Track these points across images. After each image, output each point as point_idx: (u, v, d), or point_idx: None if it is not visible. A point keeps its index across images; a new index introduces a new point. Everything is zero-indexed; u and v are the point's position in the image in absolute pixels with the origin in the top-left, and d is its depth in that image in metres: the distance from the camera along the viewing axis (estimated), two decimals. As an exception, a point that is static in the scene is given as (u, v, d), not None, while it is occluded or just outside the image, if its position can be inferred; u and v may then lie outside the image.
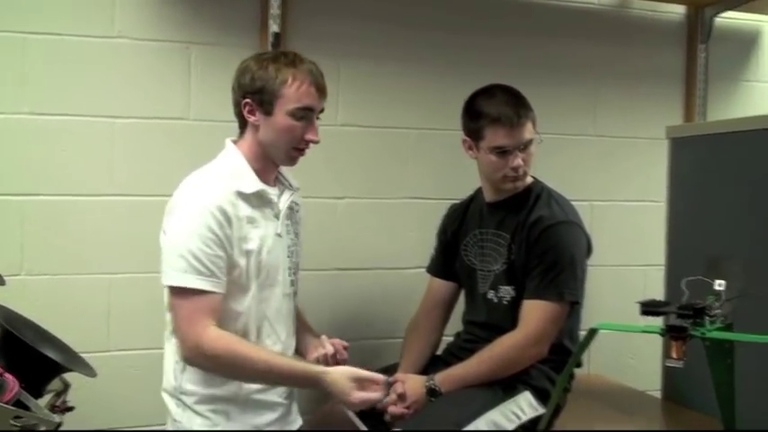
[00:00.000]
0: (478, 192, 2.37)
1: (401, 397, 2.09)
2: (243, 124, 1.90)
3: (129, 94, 2.42)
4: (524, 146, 2.16)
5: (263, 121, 1.85)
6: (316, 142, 1.88)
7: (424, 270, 2.47)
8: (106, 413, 2.39)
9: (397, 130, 2.69)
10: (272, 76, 1.82)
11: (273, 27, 2.49)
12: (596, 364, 2.84)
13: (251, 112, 1.85)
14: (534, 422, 2.02)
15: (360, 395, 1.76)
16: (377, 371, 2.21)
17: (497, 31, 2.78)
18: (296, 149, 1.88)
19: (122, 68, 2.41)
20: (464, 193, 2.43)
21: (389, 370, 2.21)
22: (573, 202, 2.26)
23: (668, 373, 2.50)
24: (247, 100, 1.84)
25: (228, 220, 1.78)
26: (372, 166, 2.66)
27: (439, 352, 2.37)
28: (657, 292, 2.41)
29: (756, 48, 3.14)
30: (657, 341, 1.78)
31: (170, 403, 1.85)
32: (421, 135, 2.71)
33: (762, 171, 2.12)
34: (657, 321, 1.76)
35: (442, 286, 2.40)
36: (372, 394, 1.78)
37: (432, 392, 2.09)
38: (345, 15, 2.57)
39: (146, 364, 2.39)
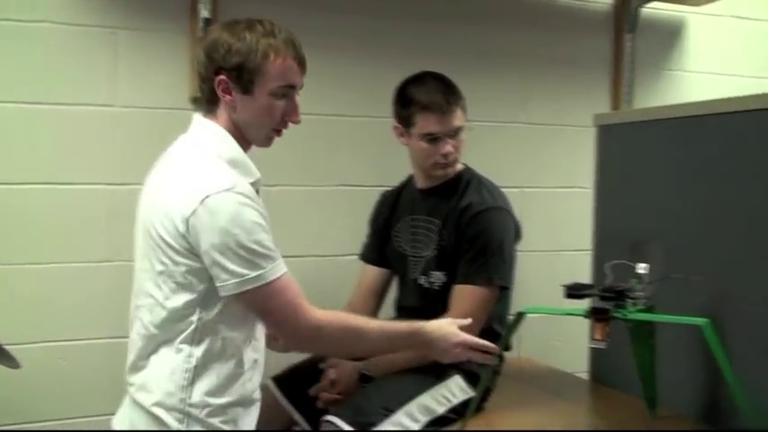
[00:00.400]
0: (410, 179, 2.39)
1: (333, 383, 2.10)
2: (212, 101, 1.68)
3: (54, 79, 2.35)
4: (454, 133, 2.18)
5: (240, 101, 1.64)
6: (298, 122, 1.72)
7: (356, 257, 2.48)
8: (32, 406, 2.35)
9: (329, 118, 2.68)
10: (252, 50, 1.61)
11: (204, 12, 2.45)
12: (526, 348, 2.89)
13: (226, 91, 1.64)
14: (465, 405, 2.05)
15: (465, 337, 1.79)
16: (310, 358, 2.23)
17: (429, 19, 2.79)
18: (275, 130, 1.71)
19: (46, 54, 2.34)
20: (396, 180, 2.45)
21: (323, 357, 2.21)
22: (503, 189, 2.29)
23: (594, 355, 2.56)
24: (222, 77, 1.62)
25: (261, 206, 1.61)
26: (305, 153, 2.65)
27: (372, 338, 2.38)
28: (585, 277, 2.47)
29: (680, 38, 3.22)
30: (585, 324, 1.82)
31: (168, 418, 1.60)
32: (353, 122, 2.71)
33: (684, 157, 2.19)
34: (584, 304, 1.81)
35: (375, 273, 2.41)
36: (475, 339, 1.81)
37: (364, 378, 2.11)
38: (277, 1, 2.55)
39: (75, 355, 2.36)
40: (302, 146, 2.64)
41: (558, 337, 2.97)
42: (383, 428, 1.95)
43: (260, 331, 1.73)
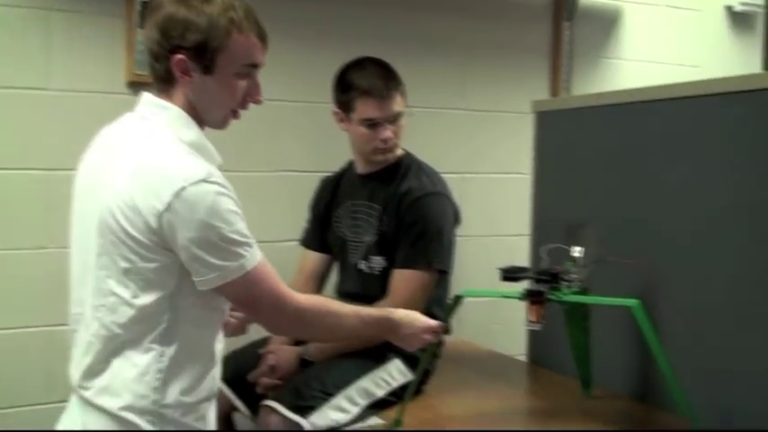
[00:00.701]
0: (350, 164, 2.39)
1: (272, 368, 2.10)
2: (167, 80, 1.54)
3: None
4: (394, 118, 2.19)
5: (200, 81, 1.52)
6: (260, 103, 1.62)
7: (297, 243, 2.47)
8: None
9: (269, 103, 2.60)
10: (213, 26, 1.49)
11: (141, -5, 2.42)
12: (466, 332, 2.93)
13: (185, 72, 1.50)
14: (404, 388, 2.07)
15: (430, 323, 1.78)
16: (250, 344, 2.23)
17: (369, 4, 2.80)
18: (233, 112, 1.60)
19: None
20: (336, 165, 2.45)
21: (263, 342, 2.21)
22: (443, 175, 2.31)
23: (532, 338, 2.60)
24: (180, 56, 1.49)
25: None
26: (244, 139, 2.63)
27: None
28: (524, 261, 2.50)
29: (617, 27, 3.28)
30: (523, 308, 1.85)
31: (139, 422, 1.49)
32: (293, 108, 2.70)
33: (619, 143, 2.23)
34: (521, 288, 1.84)
35: (316, 258, 2.42)
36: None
37: (304, 363, 2.11)
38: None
39: (9, 343, 2.32)
40: (242, 132, 2.58)
41: (497, 320, 3.01)
42: (323, 412, 1.96)
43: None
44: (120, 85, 2.39)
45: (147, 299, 1.47)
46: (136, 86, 2.43)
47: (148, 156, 1.48)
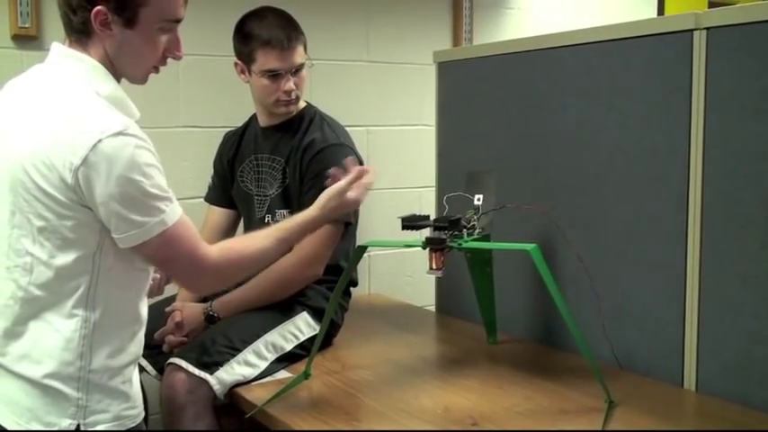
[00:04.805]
0: (253, 118, 2.36)
1: (178, 326, 2.07)
2: (84, 32, 1.48)
3: None
4: (296, 70, 2.17)
5: (120, 35, 1.47)
6: (179, 58, 1.58)
7: (201, 200, 2.44)
8: None
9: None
10: None
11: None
12: (377, 285, 2.96)
13: (105, 24, 1.45)
14: (312, 341, 2.07)
15: (342, 186, 1.77)
16: (156, 302, 2.18)
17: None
18: (154, 67, 1.57)
19: None
20: (240, 120, 2.41)
21: (168, 301, 2.18)
22: (348, 128, 2.30)
23: (439, 287, 2.64)
24: (100, 8, 1.43)
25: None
26: (145, 94, 2.54)
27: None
28: (432, 213, 2.52)
29: (518, -23, 3.31)
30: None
31: (65, 389, 1.44)
32: (193, 61, 2.62)
33: (518, 91, 2.26)
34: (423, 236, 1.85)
35: (221, 214, 2.39)
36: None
37: (210, 319, 2.09)
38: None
39: None
40: (142, 87, 2.54)
41: (408, 272, 3.04)
42: (229, 368, 1.95)
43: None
44: (5, 39, 2.28)
45: (64, 259, 1.42)
46: (21, 40, 2.33)
47: (63, 109, 1.43)
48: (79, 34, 1.48)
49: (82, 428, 1.44)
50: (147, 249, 1.44)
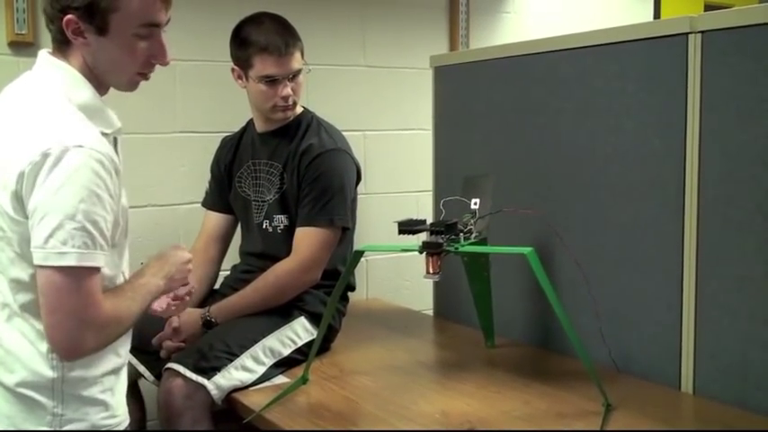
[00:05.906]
0: (250, 123, 2.36)
1: (176, 331, 2.07)
2: (63, 41, 1.47)
3: None
4: (293, 75, 2.17)
5: (95, 43, 1.44)
6: (166, 64, 1.54)
7: (199, 205, 2.44)
8: None
9: None
10: None
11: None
12: (375, 290, 2.96)
13: (77, 33, 1.43)
14: (310, 346, 2.07)
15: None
16: (152, 309, 2.18)
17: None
18: (140, 74, 1.52)
19: None
20: (237, 125, 2.41)
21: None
22: (345, 133, 2.30)
23: (437, 291, 2.64)
24: (70, 17, 1.41)
25: (117, 170, 1.41)
26: (141, 100, 2.55)
27: (217, 286, 2.36)
28: (429, 217, 2.52)
29: (515, -19, 3.31)
30: (429, 263, 1.87)
31: (40, 398, 1.43)
32: (191, 67, 2.63)
33: (514, 95, 2.26)
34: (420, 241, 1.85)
35: (219, 219, 2.39)
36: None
37: (208, 324, 2.09)
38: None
39: None
40: (139, 93, 2.53)
41: (405, 277, 3.04)
42: (227, 373, 1.95)
43: None
44: (2, 46, 2.29)
45: (18, 273, 1.40)
46: (17, 46, 2.33)
47: (30, 117, 1.42)
48: (59, 43, 1.48)
49: None
50: (41, 278, 1.35)
